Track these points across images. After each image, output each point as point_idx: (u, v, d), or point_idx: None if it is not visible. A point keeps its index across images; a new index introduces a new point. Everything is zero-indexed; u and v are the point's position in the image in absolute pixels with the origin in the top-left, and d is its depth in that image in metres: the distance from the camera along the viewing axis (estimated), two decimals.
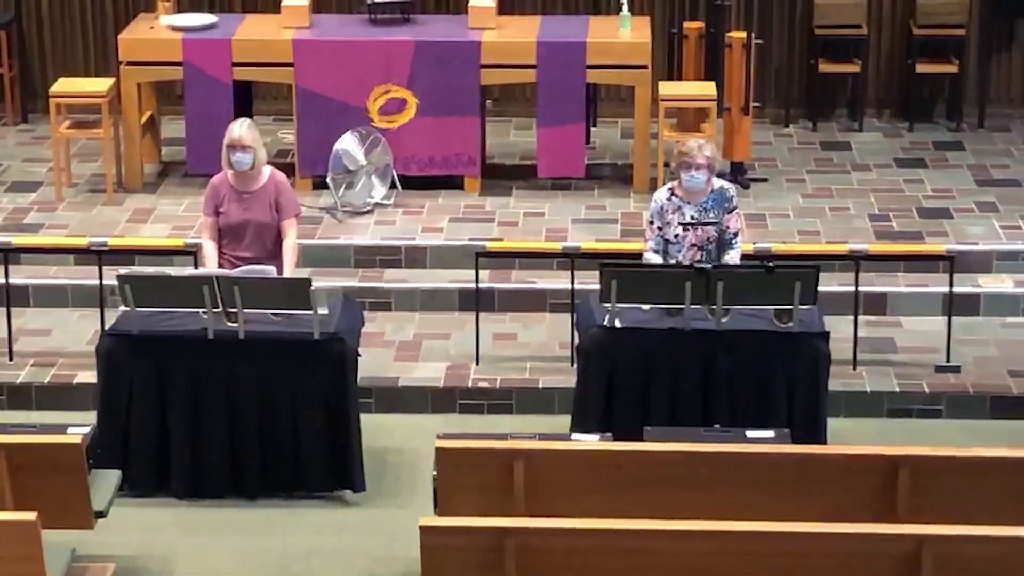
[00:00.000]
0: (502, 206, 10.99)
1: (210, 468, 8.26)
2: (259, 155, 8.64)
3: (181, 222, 10.64)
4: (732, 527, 6.25)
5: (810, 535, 6.23)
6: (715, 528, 6.25)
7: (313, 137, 11.03)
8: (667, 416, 8.25)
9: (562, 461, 6.91)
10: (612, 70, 11.06)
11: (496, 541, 6.21)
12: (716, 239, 8.56)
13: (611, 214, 10.86)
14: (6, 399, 9.20)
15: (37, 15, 12.71)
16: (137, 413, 8.24)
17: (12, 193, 11.20)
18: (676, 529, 6.26)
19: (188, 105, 11.11)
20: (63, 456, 6.96)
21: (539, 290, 10.07)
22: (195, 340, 8.21)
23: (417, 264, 10.34)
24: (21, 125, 12.53)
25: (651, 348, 8.28)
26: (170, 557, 7.81)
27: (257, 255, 8.63)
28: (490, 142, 11.67)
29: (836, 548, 6.21)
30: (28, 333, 9.72)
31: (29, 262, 10.08)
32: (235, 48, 11.04)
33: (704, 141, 8.61)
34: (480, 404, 9.21)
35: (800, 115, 12.62)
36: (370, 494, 8.34)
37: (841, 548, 6.21)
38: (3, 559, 6.26)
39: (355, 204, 10.86)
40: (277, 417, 8.25)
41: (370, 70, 11.00)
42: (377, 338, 9.64)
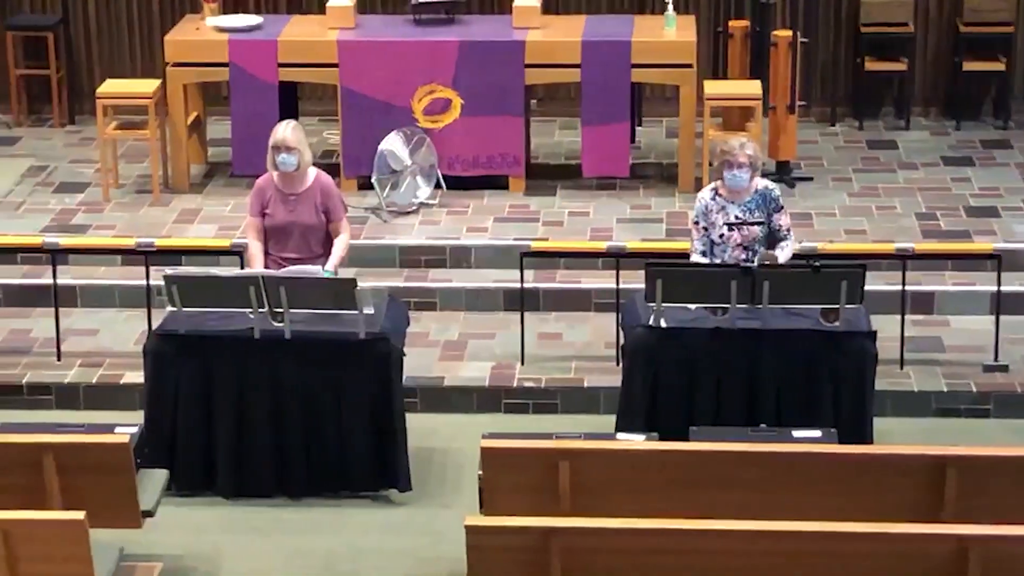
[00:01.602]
0: (547, 206, 10.98)
1: (256, 468, 8.29)
2: (304, 157, 8.66)
3: (227, 222, 10.68)
4: (778, 527, 6.23)
5: (856, 535, 6.20)
6: (761, 528, 6.23)
7: (358, 138, 11.05)
8: (712, 416, 8.23)
9: (607, 461, 6.90)
10: (657, 69, 11.04)
11: (542, 541, 6.21)
12: (762, 239, 8.54)
13: (656, 213, 10.85)
14: (54, 399, 9.25)
15: (84, 17, 12.78)
16: (184, 413, 8.28)
17: (60, 194, 11.26)
18: (721, 529, 6.24)
19: (234, 106, 11.15)
20: (111, 456, 6.99)
21: (584, 290, 10.07)
22: (241, 340, 8.23)
23: (462, 264, 10.35)
24: (68, 126, 12.61)
25: (696, 348, 8.27)
26: (216, 557, 7.84)
27: (302, 256, 8.66)
28: (535, 142, 11.67)
29: (882, 548, 6.19)
30: (76, 333, 9.77)
31: (77, 263, 10.14)
32: (280, 49, 11.07)
33: (746, 139, 8.59)
34: (525, 404, 9.21)
35: (846, 114, 12.57)
36: (415, 494, 8.35)
37: (887, 549, 6.18)
38: (52, 558, 6.30)
39: (400, 204, 10.87)
40: (323, 417, 8.27)
41: (415, 70, 11.01)
42: (422, 338, 9.65)
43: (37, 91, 12.75)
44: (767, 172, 9.95)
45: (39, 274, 10.09)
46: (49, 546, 6.30)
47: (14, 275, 10.21)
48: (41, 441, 6.95)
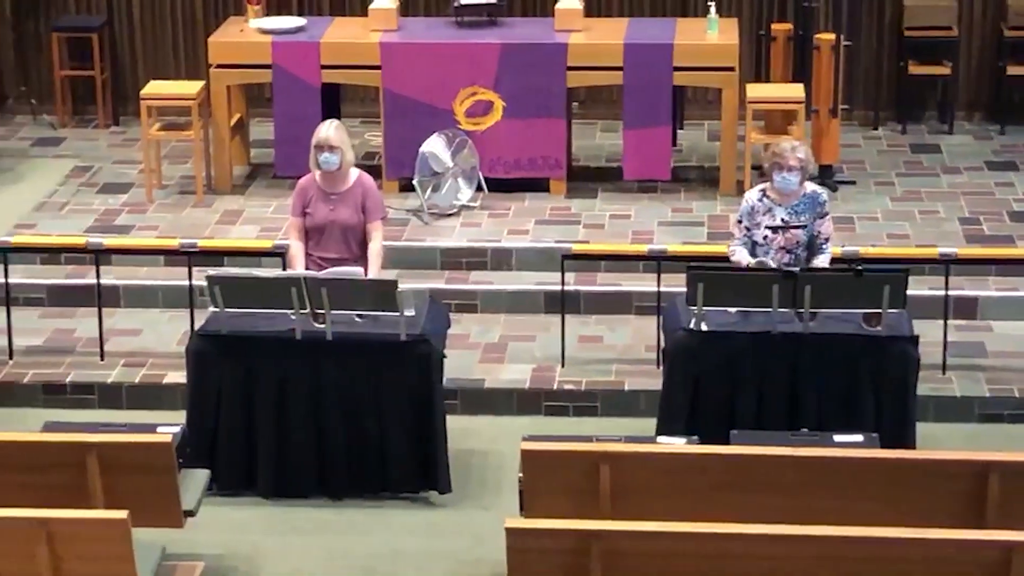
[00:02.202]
0: (588, 208, 10.98)
1: (297, 468, 8.31)
2: (346, 156, 8.68)
3: (269, 224, 10.71)
4: (819, 532, 6.21)
5: (898, 540, 6.18)
6: (802, 532, 6.21)
7: (400, 139, 11.08)
8: (753, 419, 8.21)
9: (648, 464, 6.89)
10: (699, 72, 11.03)
11: (582, 544, 6.20)
12: (805, 243, 8.52)
13: (697, 217, 10.83)
14: (97, 398, 9.29)
15: (128, 19, 12.84)
16: (225, 413, 8.31)
17: (104, 194, 11.32)
18: (762, 533, 6.23)
19: (277, 108, 11.18)
20: (153, 455, 7.02)
21: (625, 292, 10.06)
22: (283, 341, 8.26)
23: (503, 266, 10.36)
24: (112, 127, 12.67)
25: (738, 351, 8.25)
26: (257, 557, 7.86)
27: (343, 256, 8.67)
28: (576, 144, 11.67)
29: (924, 554, 6.16)
30: (119, 333, 9.82)
31: (120, 263, 10.19)
32: (323, 51, 11.10)
33: (798, 143, 8.56)
34: (566, 406, 9.21)
35: (889, 117, 12.53)
36: (456, 496, 8.35)
37: (929, 554, 6.16)
38: (95, 557, 6.33)
39: (441, 206, 10.89)
40: (363, 418, 8.28)
41: (457, 72, 11.03)
42: (463, 340, 9.66)
43: (82, 92, 12.82)
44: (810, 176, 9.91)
45: (83, 274, 10.15)
46: (92, 545, 6.33)
47: (58, 275, 10.27)
48: (84, 440, 6.98)
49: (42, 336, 9.83)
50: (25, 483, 6.90)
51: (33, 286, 10.15)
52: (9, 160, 12.03)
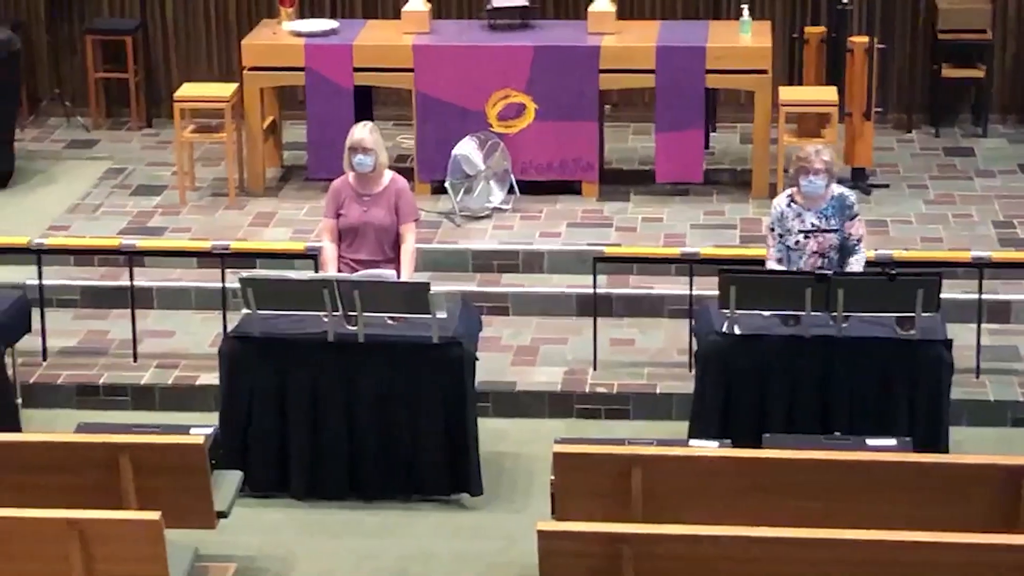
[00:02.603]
0: (620, 211, 10.97)
1: (329, 470, 8.32)
2: (380, 158, 8.69)
3: (302, 226, 10.73)
4: (851, 536, 6.19)
5: (930, 545, 6.15)
6: (834, 537, 6.20)
7: (432, 142, 11.08)
8: (786, 423, 8.20)
9: (680, 467, 6.88)
10: (732, 75, 11.01)
11: (614, 547, 6.20)
12: (838, 246, 8.50)
13: (730, 220, 10.81)
14: (130, 400, 9.32)
15: (162, 21, 12.89)
16: (258, 415, 8.33)
17: (137, 196, 11.36)
18: (795, 537, 6.21)
19: (309, 110, 11.20)
20: (186, 457, 7.04)
21: (657, 295, 10.05)
22: (315, 343, 8.27)
23: (535, 269, 10.35)
24: (146, 129, 12.71)
25: (770, 355, 8.23)
26: (289, 558, 7.88)
27: (376, 258, 8.68)
28: (608, 147, 11.66)
29: (957, 558, 6.14)
30: (152, 335, 9.85)
31: (153, 264, 10.21)
32: (356, 54, 11.12)
33: (822, 146, 8.54)
34: (597, 409, 9.20)
35: (923, 120, 12.49)
36: (487, 498, 8.36)
37: (962, 558, 6.13)
38: (128, 558, 6.35)
39: (473, 209, 10.89)
40: (395, 420, 8.29)
41: (489, 75, 11.03)
42: (495, 342, 9.66)
43: (115, 94, 12.86)
44: (842, 179, 9.88)
45: (116, 276, 10.17)
46: (125, 546, 6.35)
47: (92, 276, 10.31)
48: (117, 441, 7.01)
49: (76, 337, 9.86)
50: (58, 484, 6.92)
51: (67, 288, 10.19)
52: (43, 162, 12.08)
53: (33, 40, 12.92)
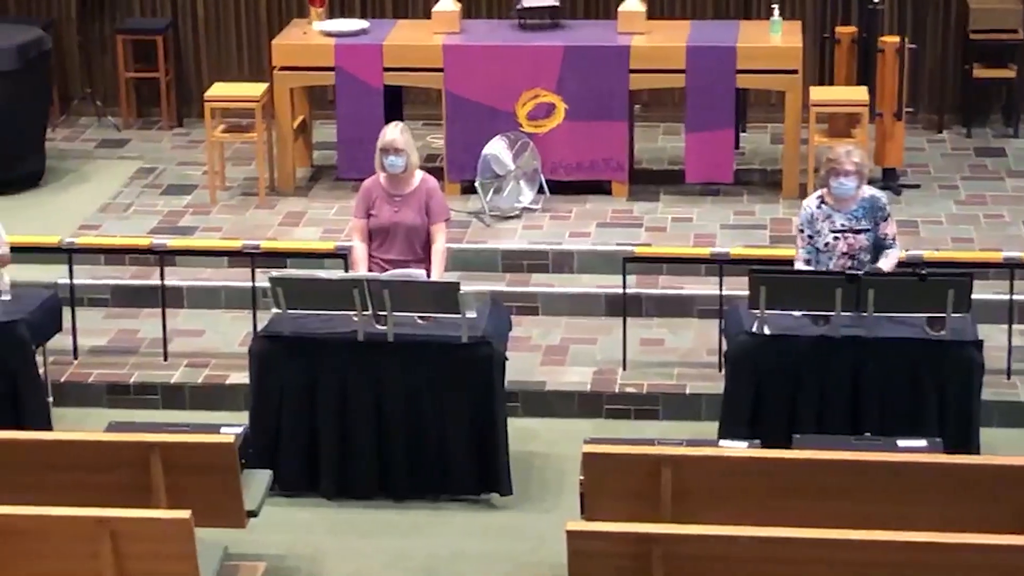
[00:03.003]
0: (650, 211, 10.96)
1: (359, 469, 8.33)
2: (411, 158, 8.70)
3: (332, 225, 10.74)
4: (881, 537, 6.18)
5: (961, 546, 6.13)
6: (864, 538, 6.18)
7: (462, 142, 11.09)
8: (816, 424, 8.18)
9: (710, 468, 6.87)
10: (763, 75, 10.99)
11: (643, 547, 6.20)
12: (868, 248, 8.48)
13: (760, 220, 10.79)
14: (160, 399, 9.35)
15: (192, 21, 12.92)
16: (288, 414, 8.34)
17: (167, 196, 11.39)
18: (824, 538, 6.20)
19: (339, 110, 11.22)
20: (216, 455, 7.05)
21: (687, 296, 10.04)
22: (345, 343, 8.28)
23: (564, 269, 10.35)
24: (176, 129, 12.74)
25: (800, 355, 8.22)
26: (319, 557, 7.89)
27: (406, 258, 8.69)
28: (638, 147, 11.65)
29: (987, 560, 6.12)
30: (182, 334, 9.87)
31: (184, 264, 10.24)
32: (386, 53, 11.13)
33: (853, 147, 8.52)
34: (627, 409, 9.19)
35: (954, 121, 12.45)
36: (516, 498, 8.36)
37: (992, 560, 6.11)
38: (158, 556, 6.36)
39: (503, 208, 10.90)
40: (425, 420, 8.30)
41: (519, 75, 11.03)
42: (524, 342, 9.66)
43: (146, 94, 12.90)
44: (873, 179, 9.85)
45: (147, 275, 10.21)
46: (155, 544, 6.36)
47: (123, 276, 10.34)
48: (148, 440, 7.03)
49: (106, 336, 9.90)
50: (89, 482, 6.95)
51: (97, 287, 10.23)
52: (74, 161, 12.13)
53: (64, 40, 12.97)
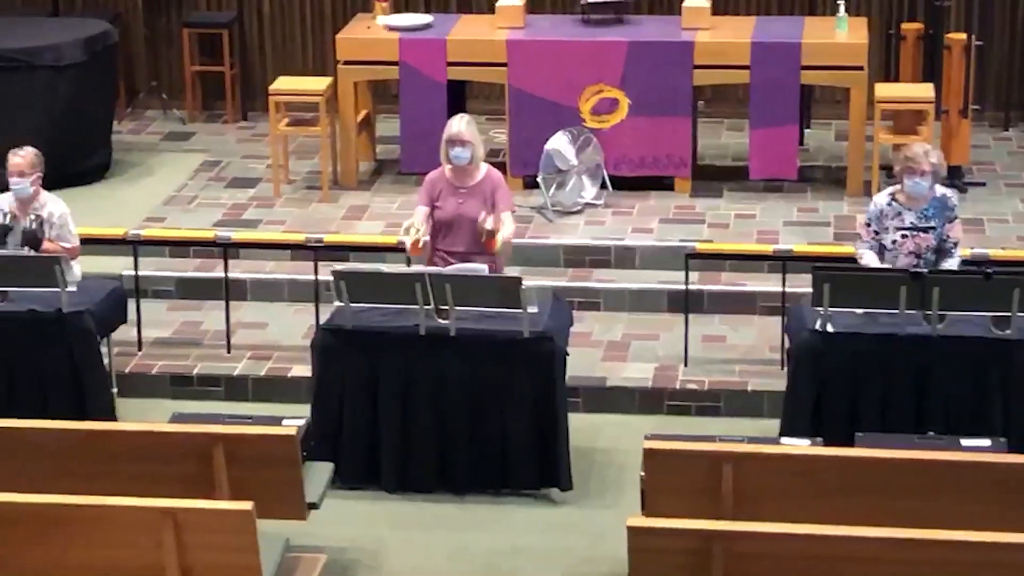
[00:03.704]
0: (713, 207, 10.93)
1: (419, 463, 8.35)
2: (477, 151, 8.71)
3: (394, 219, 10.75)
4: (943, 536, 6.14)
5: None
6: (926, 537, 6.15)
7: (525, 137, 11.09)
8: (879, 422, 8.13)
9: (771, 465, 6.85)
10: (828, 71, 10.93)
11: (704, 544, 6.18)
12: (934, 247, 8.42)
13: (823, 217, 10.74)
14: (223, 390, 9.40)
15: (258, 15, 12.98)
16: (350, 407, 8.37)
17: (232, 189, 11.45)
18: (886, 537, 6.17)
19: (403, 104, 11.24)
20: (278, 448, 7.08)
21: (749, 292, 10.00)
22: (407, 336, 8.30)
23: (626, 264, 10.34)
24: (241, 123, 12.80)
25: (864, 353, 8.17)
26: (379, 550, 7.91)
27: (469, 250, 8.69)
28: (701, 143, 11.62)
29: None
30: (245, 326, 9.92)
31: (247, 257, 10.29)
32: (450, 48, 11.14)
33: (930, 147, 8.47)
34: (688, 406, 9.17)
35: (1020, 118, 12.36)
36: (577, 493, 8.35)
37: None
38: (220, 547, 6.40)
39: (565, 204, 10.89)
40: (485, 414, 8.31)
41: (583, 70, 11.02)
42: (585, 338, 9.65)
43: (211, 87, 12.97)
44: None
45: (211, 267, 10.27)
46: (217, 535, 6.40)
47: (187, 268, 10.40)
48: (211, 432, 7.07)
49: (170, 328, 9.96)
50: (152, 473, 7.00)
51: (162, 279, 10.30)
52: (140, 154, 12.21)
53: (131, 33, 13.06)
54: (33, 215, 8.88)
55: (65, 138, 11.24)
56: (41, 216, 8.89)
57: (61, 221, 8.95)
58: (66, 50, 11.47)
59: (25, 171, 8.85)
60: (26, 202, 8.91)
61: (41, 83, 11.40)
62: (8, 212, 8.89)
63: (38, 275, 8.59)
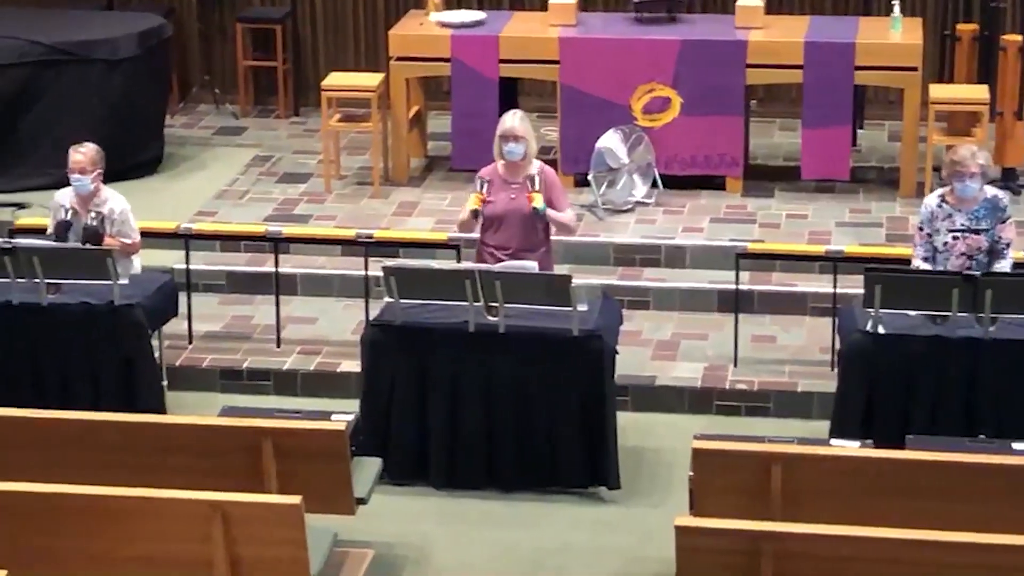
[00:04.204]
0: (764, 207, 10.89)
1: (467, 460, 8.35)
2: (531, 147, 8.71)
3: (445, 216, 10.77)
4: (994, 540, 6.09)
5: None
6: (976, 540, 6.10)
7: (576, 134, 11.08)
8: (929, 424, 8.09)
9: (821, 467, 6.82)
10: (881, 71, 10.88)
11: (753, 545, 6.16)
12: (986, 249, 8.37)
13: (876, 218, 10.69)
14: (272, 384, 9.42)
15: (311, 10, 13.01)
16: (398, 403, 8.38)
17: (283, 184, 11.48)
18: (935, 540, 6.13)
19: (455, 101, 11.25)
20: (327, 442, 7.10)
21: (800, 293, 9.96)
22: (456, 333, 8.30)
23: (677, 264, 10.31)
24: (293, 118, 12.84)
25: (915, 355, 8.13)
26: (426, 546, 7.92)
27: (520, 246, 8.67)
28: (753, 142, 11.58)
29: None
30: (295, 321, 9.95)
31: (298, 252, 10.31)
32: (502, 45, 11.14)
33: (977, 148, 8.42)
34: (737, 406, 9.14)
35: None
36: (625, 492, 8.34)
37: None
38: (268, 541, 6.41)
39: (616, 202, 10.87)
40: (534, 412, 8.30)
41: (635, 68, 11.00)
42: (635, 337, 9.63)
43: (264, 82, 13.01)
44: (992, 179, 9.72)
45: (261, 262, 10.30)
46: (266, 529, 6.41)
47: (238, 262, 10.44)
48: (260, 426, 7.08)
49: (221, 322, 9.99)
50: (201, 466, 7.02)
51: (213, 273, 10.33)
52: (192, 148, 12.26)
53: (184, 27, 13.11)
54: (94, 211, 8.91)
55: (118, 132, 11.30)
56: (102, 212, 8.92)
57: (122, 217, 8.99)
58: (121, 44, 11.53)
59: (86, 168, 8.89)
60: (87, 198, 8.96)
61: (95, 77, 11.46)
62: (69, 207, 8.94)
63: (90, 268, 8.63)
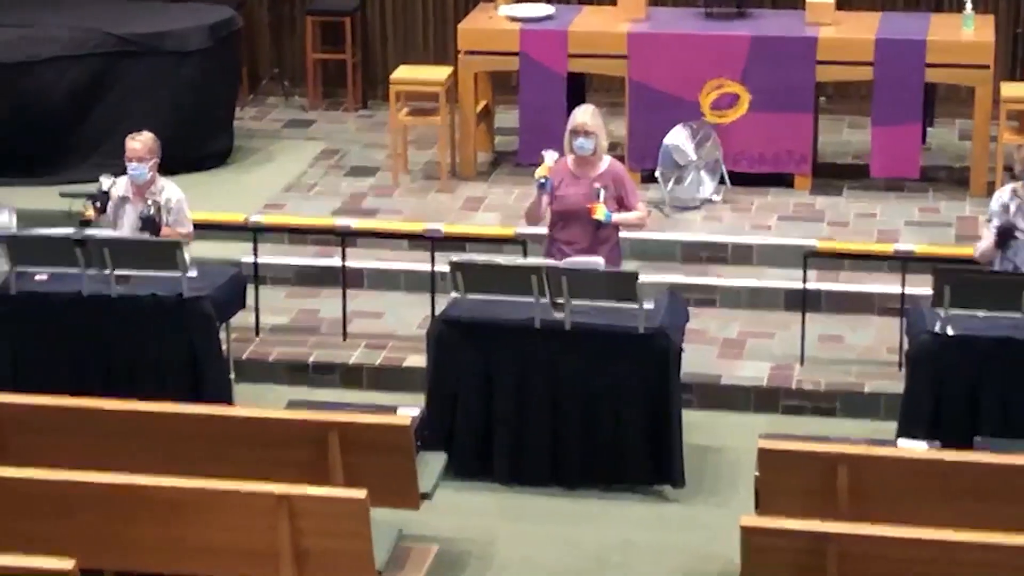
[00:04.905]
0: (832, 206, 10.83)
1: (532, 456, 8.35)
2: (601, 142, 8.70)
3: (511, 211, 10.76)
4: None
5: None
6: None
7: (644, 130, 11.05)
8: (999, 426, 8.02)
9: (888, 468, 6.79)
10: (953, 69, 10.80)
11: (818, 545, 6.14)
12: None
13: (946, 217, 10.61)
14: (339, 378, 9.45)
15: (380, 4, 13.03)
16: (463, 398, 8.39)
17: (351, 177, 11.51)
18: (1002, 543, 6.09)
19: (522, 95, 11.24)
20: (393, 437, 7.12)
21: (868, 293, 9.90)
22: (521, 329, 8.31)
23: (744, 262, 10.27)
24: (361, 111, 12.87)
25: (984, 356, 8.07)
26: (491, 542, 7.92)
27: (587, 242, 8.65)
28: (822, 140, 11.52)
29: None
30: (362, 315, 9.97)
31: (365, 246, 10.34)
32: (571, 40, 11.13)
33: None
34: (803, 406, 9.10)
35: None
36: (689, 490, 8.32)
37: None
38: (333, 534, 6.45)
39: (683, 199, 10.84)
40: (599, 408, 8.29)
41: (704, 64, 10.96)
42: (701, 335, 9.60)
43: (333, 75, 13.04)
44: None
45: (329, 255, 10.33)
46: (331, 521, 6.45)
47: (305, 256, 10.48)
48: (326, 419, 7.12)
49: (288, 315, 10.03)
50: (268, 458, 7.06)
51: (281, 266, 10.37)
52: (261, 140, 12.30)
53: (255, 19, 13.16)
54: (150, 200, 8.94)
55: (188, 124, 11.36)
56: (158, 201, 8.95)
57: (178, 207, 9.02)
58: (191, 36, 11.59)
59: (144, 156, 8.93)
60: (143, 187, 8.99)
61: (165, 68, 11.52)
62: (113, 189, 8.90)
63: (159, 260, 8.68)
